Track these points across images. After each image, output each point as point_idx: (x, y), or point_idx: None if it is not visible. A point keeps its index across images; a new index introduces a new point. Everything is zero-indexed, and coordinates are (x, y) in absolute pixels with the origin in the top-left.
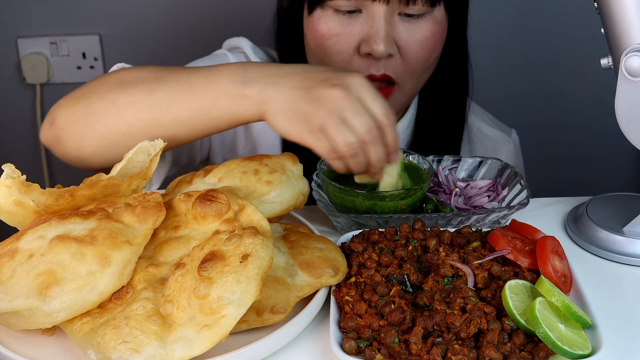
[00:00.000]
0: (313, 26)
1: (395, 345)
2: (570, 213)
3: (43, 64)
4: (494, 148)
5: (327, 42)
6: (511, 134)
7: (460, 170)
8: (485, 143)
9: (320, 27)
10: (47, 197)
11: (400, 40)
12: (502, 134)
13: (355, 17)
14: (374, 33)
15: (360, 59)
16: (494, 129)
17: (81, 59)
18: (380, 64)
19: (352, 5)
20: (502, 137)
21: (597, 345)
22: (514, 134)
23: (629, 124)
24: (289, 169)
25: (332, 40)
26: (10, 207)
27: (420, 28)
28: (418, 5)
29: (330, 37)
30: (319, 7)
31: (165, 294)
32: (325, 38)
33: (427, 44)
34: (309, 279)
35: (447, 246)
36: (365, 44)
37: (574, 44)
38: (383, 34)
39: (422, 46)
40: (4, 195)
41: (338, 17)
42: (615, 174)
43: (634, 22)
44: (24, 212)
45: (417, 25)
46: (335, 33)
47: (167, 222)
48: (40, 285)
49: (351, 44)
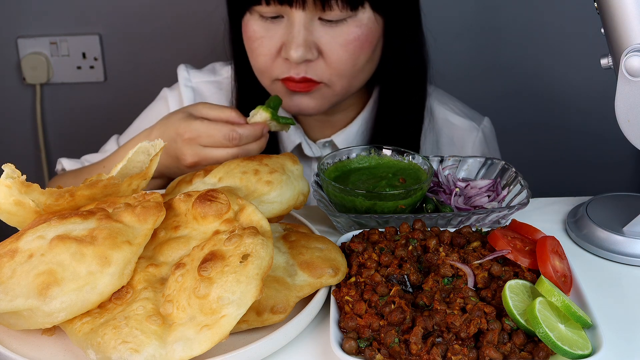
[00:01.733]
0: (244, 29)
1: (395, 345)
2: (570, 213)
3: (43, 64)
4: (461, 138)
5: (252, 44)
6: (481, 122)
7: (460, 170)
8: (451, 132)
9: (248, 30)
10: (47, 197)
11: (322, 45)
12: (470, 123)
13: (278, 22)
14: (291, 39)
15: (282, 62)
16: (462, 118)
17: (81, 59)
18: (301, 67)
19: (274, 12)
20: (469, 125)
21: (597, 345)
22: (485, 122)
23: (629, 124)
24: (289, 169)
25: (257, 42)
26: (10, 207)
27: (342, 32)
28: (335, 11)
29: (254, 40)
30: (247, 12)
31: (165, 294)
32: (251, 40)
33: (349, 47)
34: (309, 279)
35: (447, 246)
36: (284, 48)
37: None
38: (299, 40)
39: (345, 50)
40: (4, 195)
41: (262, 22)
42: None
43: (634, 22)
44: (24, 212)
45: (338, 30)
46: (259, 36)
47: (167, 222)
48: (40, 285)
49: (273, 47)
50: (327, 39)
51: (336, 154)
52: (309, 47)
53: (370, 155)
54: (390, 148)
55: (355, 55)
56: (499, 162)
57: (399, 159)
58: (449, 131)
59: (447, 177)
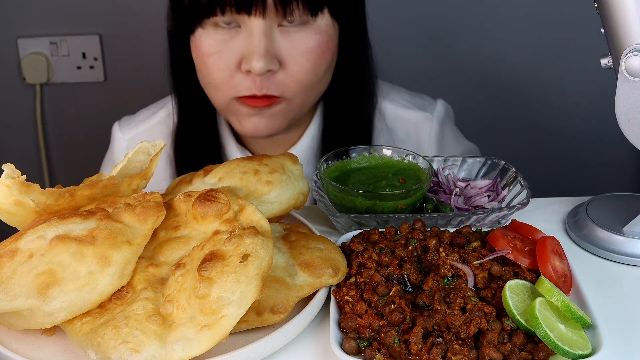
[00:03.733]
0: (195, 45)
1: (395, 345)
2: (570, 213)
3: (43, 64)
4: (416, 132)
5: (209, 59)
6: (434, 108)
7: (460, 170)
8: (406, 128)
9: (202, 46)
10: (47, 197)
11: (282, 55)
12: (422, 114)
13: (235, 33)
14: (252, 50)
15: (242, 77)
16: (413, 111)
17: (81, 59)
18: (262, 81)
19: (230, 21)
20: (422, 117)
21: (597, 345)
22: (438, 107)
23: (629, 124)
24: (289, 169)
25: (213, 57)
26: (10, 207)
27: (302, 39)
28: (296, 15)
29: (211, 55)
30: (199, 27)
31: (165, 294)
32: (207, 56)
33: (311, 56)
34: (309, 279)
35: (447, 246)
36: (245, 61)
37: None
38: (262, 50)
39: (307, 58)
40: (4, 195)
41: (218, 34)
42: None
43: (634, 22)
44: (24, 212)
45: (298, 37)
46: (216, 50)
47: (167, 222)
48: (40, 285)
49: (232, 60)
50: (287, 48)
51: (336, 154)
52: (271, 57)
53: (370, 155)
54: (391, 148)
55: (316, 65)
56: (499, 162)
57: (399, 159)
58: (403, 127)
59: (447, 177)
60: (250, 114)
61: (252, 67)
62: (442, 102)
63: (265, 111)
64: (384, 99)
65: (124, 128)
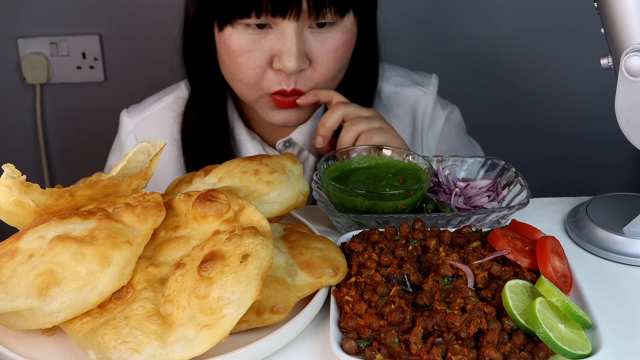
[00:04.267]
0: (225, 43)
1: (395, 345)
2: (570, 213)
3: (43, 64)
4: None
5: (240, 58)
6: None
7: (460, 170)
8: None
9: (232, 44)
10: (47, 197)
11: (312, 53)
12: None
13: (266, 33)
14: (286, 50)
15: (273, 73)
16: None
17: (81, 59)
18: (292, 78)
19: (263, 23)
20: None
21: (597, 345)
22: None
23: (629, 124)
24: (289, 169)
25: (245, 56)
26: (10, 207)
27: (331, 39)
28: (327, 18)
29: (242, 54)
30: (229, 25)
31: (165, 294)
32: (237, 55)
33: (337, 53)
34: (309, 279)
35: (447, 246)
36: (277, 60)
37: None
38: (295, 51)
39: (334, 56)
40: (4, 195)
41: (249, 34)
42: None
43: (634, 22)
44: (24, 212)
45: (327, 37)
46: (247, 50)
47: (167, 222)
48: (40, 285)
49: (263, 59)
50: (317, 47)
51: (336, 154)
52: (303, 56)
53: (370, 155)
54: (391, 148)
55: (341, 60)
56: (499, 162)
57: (399, 159)
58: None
59: (447, 177)
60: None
61: (285, 66)
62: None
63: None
64: (381, 78)
65: (131, 113)
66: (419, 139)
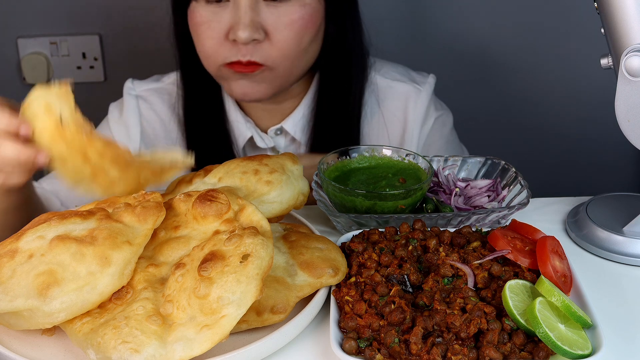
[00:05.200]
0: (190, 17)
1: (395, 345)
2: (570, 213)
3: (43, 64)
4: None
5: (199, 28)
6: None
7: (461, 170)
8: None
9: (194, 17)
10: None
11: (267, 25)
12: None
13: (224, 6)
14: (238, 20)
15: (230, 45)
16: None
17: (81, 59)
18: (248, 49)
19: None
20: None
21: (597, 345)
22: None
23: (629, 124)
24: (289, 169)
25: (204, 26)
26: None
27: (287, 12)
28: None
29: (201, 24)
30: (193, 0)
31: (165, 294)
32: (198, 26)
33: (294, 27)
34: (309, 279)
35: (447, 246)
36: (231, 31)
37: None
38: (246, 20)
39: (290, 29)
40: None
41: (209, 7)
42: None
43: (634, 22)
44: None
45: (283, 10)
46: (206, 20)
47: (167, 222)
48: (40, 285)
49: (221, 30)
50: (272, 19)
51: (336, 154)
52: (256, 27)
53: (370, 155)
54: (391, 148)
55: (299, 35)
56: (499, 162)
57: (399, 159)
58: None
59: (447, 177)
60: (237, 78)
61: (238, 36)
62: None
63: (251, 77)
64: (377, 73)
65: (136, 82)
66: (409, 135)
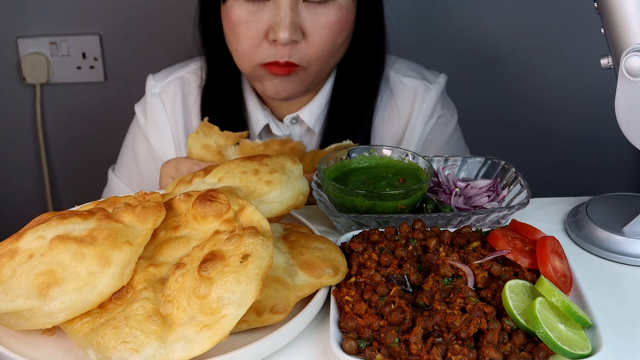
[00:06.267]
0: (226, 14)
1: (395, 345)
2: (570, 213)
3: (43, 64)
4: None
5: (238, 28)
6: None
7: (461, 170)
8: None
9: (232, 15)
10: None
11: (306, 27)
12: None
13: (263, 6)
14: (279, 21)
15: (268, 45)
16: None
17: (81, 59)
18: (286, 50)
19: None
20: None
21: (597, 345)
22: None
23: (629, 124)
24: (289, 169)
25: (242, 27)
26: (199, 151)
27: (325, 14)
28: None
29: (240, 24)
30: None
31: (165, 294)
32: (236, 25)
33: (331, 29)
34: (309, 279)
35: (447, 246)
36: (271, 31)
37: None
38: (287, 22)
39: (327, 32)
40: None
41: (248, 6)
42: (615, 174)
43: (634, 22)
44: (211, 154)
45: (321, 12)
46: (245, 20)
47: (167, 222)
48: (40, 285)
49: (260, 30)
50: (310, 21)
51: (336, 154)
52: (296, 28)
53: (370, 155)
54: (391, 148)
55: (335, 37)
56: (499, 162)
57: (399, 159)
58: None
59: (447, 177)
60: (271, 78)
61: (278, 37)
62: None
63: (285, 77)
64: (390, 68)
65: (157, 77)
66: (411, 130)
